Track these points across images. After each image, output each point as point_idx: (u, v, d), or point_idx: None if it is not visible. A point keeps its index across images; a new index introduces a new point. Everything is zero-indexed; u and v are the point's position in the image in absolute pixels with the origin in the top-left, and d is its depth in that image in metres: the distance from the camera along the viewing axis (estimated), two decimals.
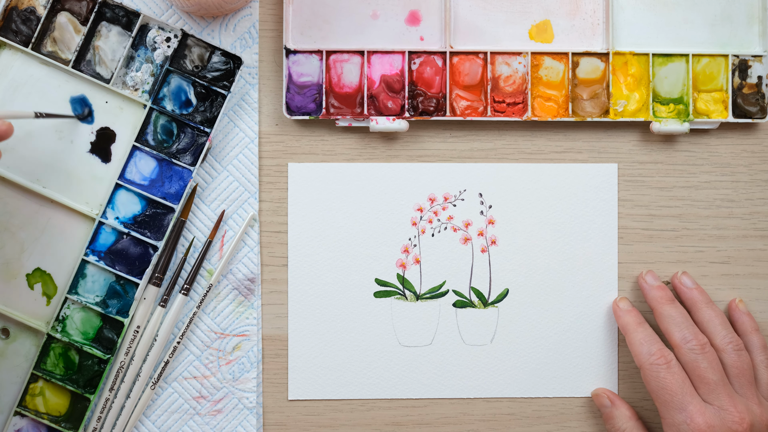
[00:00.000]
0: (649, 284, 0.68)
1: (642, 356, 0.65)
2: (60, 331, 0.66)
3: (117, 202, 0.66)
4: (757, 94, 0.69)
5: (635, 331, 0.66)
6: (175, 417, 0.68)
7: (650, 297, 0.67)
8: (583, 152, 0.70)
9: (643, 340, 0.65)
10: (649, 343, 0.65)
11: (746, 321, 0.68)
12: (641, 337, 0.65)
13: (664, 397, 0.63)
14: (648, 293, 0.67)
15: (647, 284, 0.68)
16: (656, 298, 0.67)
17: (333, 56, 0.68)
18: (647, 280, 0.68)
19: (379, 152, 0.69)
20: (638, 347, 0.65)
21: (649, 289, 0.68)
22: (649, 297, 0.67)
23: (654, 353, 0.64)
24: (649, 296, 0.67)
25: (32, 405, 0.66)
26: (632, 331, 0.66)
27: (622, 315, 0.67)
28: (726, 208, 0.70)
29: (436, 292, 0.69)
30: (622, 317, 0.67)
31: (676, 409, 0.63)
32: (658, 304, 0.67)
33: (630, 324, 0.66)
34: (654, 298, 0.67)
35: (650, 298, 0.67)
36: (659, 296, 0.67)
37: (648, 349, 0.65)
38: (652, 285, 0.68)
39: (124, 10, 0.66)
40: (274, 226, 0.69)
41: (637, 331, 0.66)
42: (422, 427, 0.69)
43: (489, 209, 0.69)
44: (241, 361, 0.68)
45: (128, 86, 0.66)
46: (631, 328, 0.66)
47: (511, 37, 0.69)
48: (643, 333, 0.66)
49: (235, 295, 0.68)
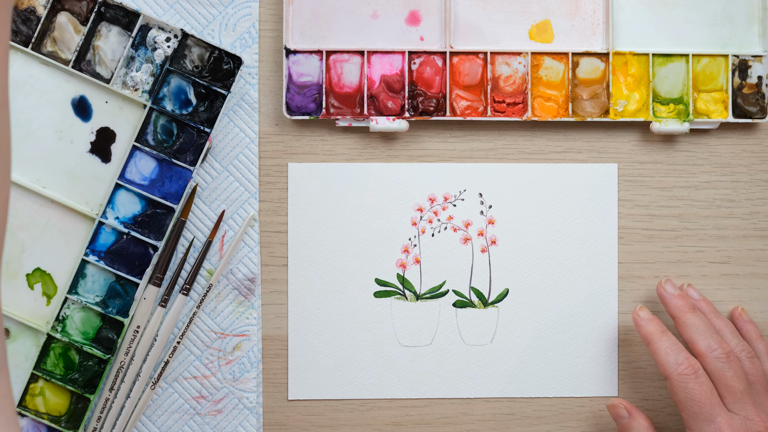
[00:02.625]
0: (669, 293, 0.66)
1: (669, 366, 0.63)
2: (60, 331, 0.66)
3: (117, 202, 0.66)
4: (757, 94, 0.69)
5: (659, 340, 0.64)
6: (175, 417, 0.68)
7: (672, 306, 0.66)
8: (583, 152, 0.70)
9: (669, 349, 0.63)
10: (675, 353, 0.63)
11: (751, 329, 0.68)
12: (666, 346, 0.63)
13: (693, 409, 0.62)
14: (669, 302, 0.66)
15: (668, 293, 0.66)
16: (678, 306, 0.65)
17: (333, 56, 0.68)
18: (667, 289, 0.67)
19: (379, 152, 0.69)
20: (664, 357, 0.63)
21: (670, 298, 0.66)
22: (671, 306, 0.66)
23: (681, 363, 0.62)
24: (670, 305, 0.66)
25: (32, 405, 0.66)
26: (656, 340, 0.64)
27: (645, 324, 0.65)
28: (726, 208, 0.70)
29: (436, 292, 0.69)
30: (644, 326, 0.65)
31: (705, 420, 0.61)
32: (681, 312, 0.65)
33: (653, 333, 0.64)
34: (676, 306, 0.65)
35: (672, 307, 0.66)
36: (681, 305, 0.65)
37: (675, 358, 0.63)
38: (672, 294, 0.66)
39: (124, 10, 0.66)
40: (274, 226, 0.69)
41: (661, 341, 0.64)
42: (422, 427, 0.69)
43: (489, 209, 0.69)
44: (241, 361, 0.68)
45: (128, 86, 0.66)
46: (655, 338, 0.64)
47: (511, 37, 0.69)
48: (668, 342, 0.64)
49: (235, 295, 0.68)
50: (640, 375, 0.70)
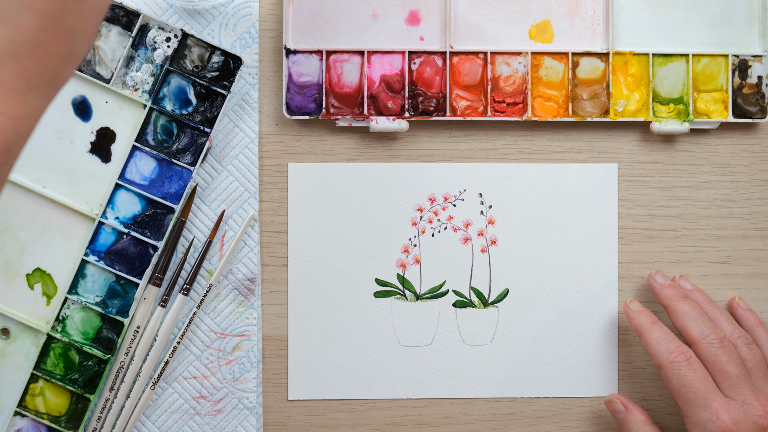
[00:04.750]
0: (660, 283, 0.67)
1: (661, 354, 0.63)
2: (60, 331, 0.66)
3: (117, 202, 0.66)
4: (757, 94, 0.69)
5: (650, 330, 0.64)
6: (175, 417, 0.68)
7: (663, 296, 0.66)
8: (583, 152, 0.70)
9: (660, 338, 0.64)
10: (667, 341, 0.63)
11: (749, 317, 0.68)
12: (658, 335, 0.64)
13: (687, 396, 0.62)
14: (660, 292, 0.67)
15: (658, 283, 0.67)
16: (669, 296, 0.66)
17: (333, 56, 0.68)
18: (657, 279, 0.67)
19: (379, 152, 0.69)
20: (656, 346, 0.64)
21: (660, 288, 0.67)
22: (662, 296, 0.67)
23: (673, 350, 0.63)
24: (661, 295, 0.67)
25: (32, 405, 0.66)
26: (647, 330, 0.65)
27: (635, 316, 0.66)
28: (726, 208, 0.70)
29: (436, 292, 0.69)
30: (635, 318, 0.66)
31: (701, 406, 0.61)
32: (672, 301, 0.66)
33: (644, 324, 0.65)
34: (667, 296, 0.66)
35: (663, 297, 0.66)
36: (672, 294, 0.66)
37: (666, 347, 0.63)
38: (663, 284, 0.67)
39: (124, 10, 0.66)
40: (274, 226, 0.69)
41: (652, 331, 0.64)
42: (422, 427, 0.69)
43: (489, 209, 0.69)
44: (241, 361, 0.68)
45: (128, 86, 0.66)
46: (646, 328, 0.65)
47: (511, 37, 0.69)
48: (659, 331, 0.64)
49: (235, 295, 0.68)
50: (640, 375, 0.70)
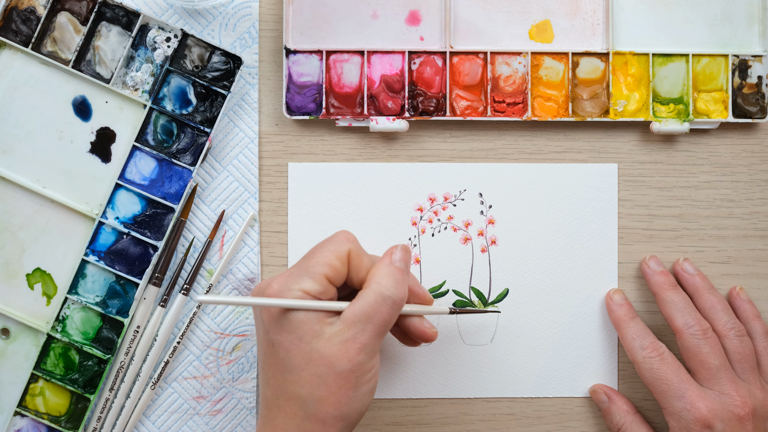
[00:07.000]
0: (652, 269, 0.68)
1: (635, 350, 0.65)
2: (60, 331, 0.66)
3: (117, 202, 0.66)
4: (757, 94, 0.69)
5: (627, 326, 0.66)
6: (175, 417, 0.68)
7: (653, 282, 0.67)
8: (583, 152, 0.70)
9: (635, 334, 0.65)
10: (641, 338, 0.65)
11: (748, 308, 0.68)
12: (633, 332, 0.66)
13: (661, 388, 0.63)
14: (651, 278, 0.67)
15: (650, 269, 0.68)
16: (659, 283, 0.67)
17: (333, 56, 0.68)
18: (650, 265, 0.68)
19: (379, 152, 0.69)
20: (630, 342, 0.65)
21: (651, 275, 0.67)
22: (652, 282, 0.67)
23: (646, 347, 0.64)
24: (651, 281, 0.67)
25: (32, 405, 0.66)
26: (624, 326, 0.66)
27: (615, 309, 0.67)
28: (726, 208, 0.70)
29: (436, 292, 0.69)
30: (614, 311, 0.67)
31: (675, 397, 0.63)
32: (661, 289, 0.66)
33: (622, 318, 0.66)
34: (657, 283, 0.67)
35: (653, 284, 0.67)
36: (662, 282, 0.67)
37: (640, 343, 0.65)
38: (655, 270, 0.67)
39: (124, 10, 0.66)
40: (274, 226, 0.69)
41: (629, 326, 0.66)
42: (422, 427, 0.69)
43: (489, 209, 0.69)
44: (241, 361, 0.68)
45: (128, 86, 0.66)
46: (623, 323, 0.66)
47: (511, 37, 0.69)
48: (635, 328, 0.66)
49: (235, 295, 0.68)
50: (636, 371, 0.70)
